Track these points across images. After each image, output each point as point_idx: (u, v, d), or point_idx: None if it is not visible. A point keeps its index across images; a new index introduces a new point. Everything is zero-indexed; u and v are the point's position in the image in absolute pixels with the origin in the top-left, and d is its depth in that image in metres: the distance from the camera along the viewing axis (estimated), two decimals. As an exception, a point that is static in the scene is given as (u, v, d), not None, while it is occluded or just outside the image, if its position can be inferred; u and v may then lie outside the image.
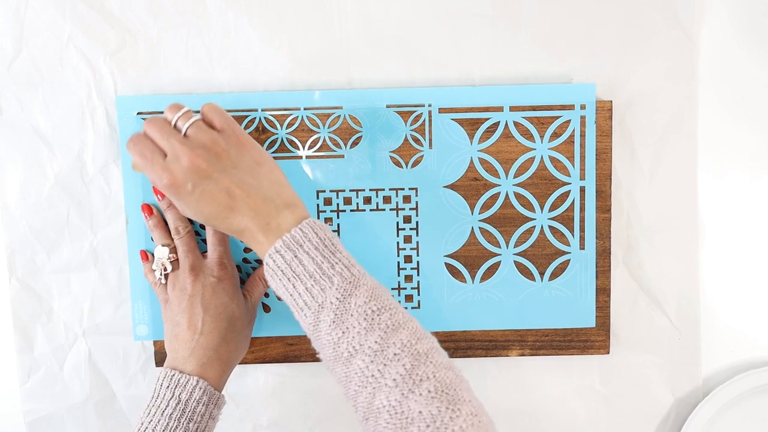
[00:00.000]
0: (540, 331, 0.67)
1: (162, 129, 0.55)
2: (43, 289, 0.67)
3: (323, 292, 0.51)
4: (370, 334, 0.49)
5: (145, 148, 0.54)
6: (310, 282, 0.51)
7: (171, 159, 0.53)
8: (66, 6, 0.64)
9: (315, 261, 0.52)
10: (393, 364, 0.48)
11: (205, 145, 0.54)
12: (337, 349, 0.50)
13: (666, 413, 0.70)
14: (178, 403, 0.56)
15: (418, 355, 0.48)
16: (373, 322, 0.50)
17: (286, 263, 0.52)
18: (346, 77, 0.65)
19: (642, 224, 0.67)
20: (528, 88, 0.65)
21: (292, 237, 0.52)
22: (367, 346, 0.49)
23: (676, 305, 0.68)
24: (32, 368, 0.68)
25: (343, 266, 0.52)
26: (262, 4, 0.65)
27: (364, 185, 0.65)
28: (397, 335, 0.49)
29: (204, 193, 0.53)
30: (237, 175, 0.54)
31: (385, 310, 0.50)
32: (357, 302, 0.50)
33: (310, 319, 0.51)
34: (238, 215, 0.53)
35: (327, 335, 0.50)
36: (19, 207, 0.66)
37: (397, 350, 0.48)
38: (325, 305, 0.50)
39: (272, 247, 0.52)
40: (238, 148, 0.55)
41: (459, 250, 0.66)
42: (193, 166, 0.53)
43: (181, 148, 0.53)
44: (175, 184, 0.53)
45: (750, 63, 0.67)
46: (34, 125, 0.65)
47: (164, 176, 0.53)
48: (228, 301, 0.61)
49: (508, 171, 0.65)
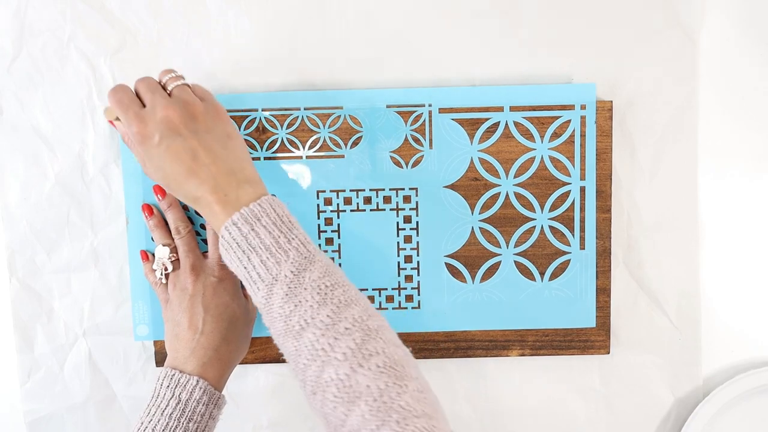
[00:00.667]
0: (540, 331, 0.67)
1: (150, 83, 0.56)
2: (44, 289, 0.67)
3: (278, 265, 0.50)
4: (322, 308, 0.49)
5: (124, 96, 0.55)
6: (265, 255, 0.51)
7: (147, 109, 0.54)
8: (66, 6, 0.64)
9: (272, 235, 0.51)
10: (343, 338, 0.48)
11: (184, 103, 0.54)
12: (288, 322, 0.49)
13: (666, 413, 0.70)
14: (179, 403, 0.56)
15: (368, 330, 0.48)
16: (326, 296, 0.49)
17: (242, 236, 0.51)
18: (346, 77, 0.65)
19: (642, 224, 0.67)
20: (528, 88, 0.65)
21: (251, 210, 0.52)
22: (319, 319, 0.49)
23: (676, 305, 0.68)
24: (32, 368, 0.68)
25: (299, 242, 0.51)
26: (262, 4, 0.65)
27: (364, 185, 0.65)
28: (349, 310, 0.49)
29: (169, 149, 0.53)
30: (207, 139, 0.54)
31: (338, 286, 0.50)
32: (311, 276, 0.50)
33: (263, 292, 0.51)
34: (197, 180, 0.53)
35: (279, 308, 0.50)
36: (19, 207, 0.66)
37: (348, 325, 0.48)
38: (279, 278, 0.50)
39: (229, 219, 0.52)
40: (214, 116, 0.55)
41: (459, 250, 0.66)
42: (165, 119, 0.53)
43: (160, 100, 0.54)
44: (143, 133, 0.53)
45: (750, 63, 0.67)
46: (34, 125, 0.65)
47: (134, 123, 0.53)
48: (229, 300, 0.61)
49: (508, 171, 0.65)
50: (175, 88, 0.56)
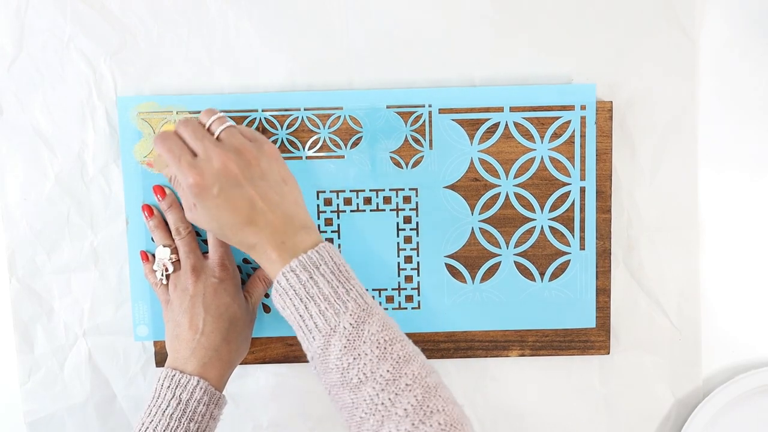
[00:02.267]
0: (540, 332, 0.67)
1: (195, 129, 0.54)
2: (44, 289, 0.67)
3: (337, 316, 0.50)
4: (382, 362, 0.49)
5: (174, 145, 0.53)
6: (324, 305, 0.51)
7: (202, 158, 0.52)
8: (66, 6, 0.64)
9: (331, 284, 0.51)
10: (404, 395, 0.48)
11: (238, 150, 0.53)
12: (345, 375, 0.49)
13: (666, 413, 0.70)
14: (179, 403, 0.56)
15: (428, 387, 0.48)
16: (385, 351, 0.49)
17: (300, 284, 0.51)
18: (346, 77, 0.65)
19: (642, 224, 0.67)
20: (528, 88, 0.65)
21: (309, 258, 0.52)
22: (379, 374, 0.49)
23: (676, 305, 0.68)
24: (32, 368, 0.68)
25: (357, 293, 0.51)
26: (263, 5, 0.65)
27: (364, 186, 0.65)
28: (409, 366, 0.49)
29: (228, 200, 0.52)
30: (263, 187, 0.53)
31: (396, 341, 0.50)
32: (370, 330, 0.50)
33: (319, 342, 0.50)
34: (255, 228, 0.52)
35: (337, 360, 0.50)
36: (19, 207, 0.66)
37: (408, 381, 0.48)
38: (337, 329, 0.50)
39: (287, 265, 0.51)
40: (268, 159, 0.54)
41: (459, 250, 0.66)
42: (224, 169, 0.52)
43: (213, 149, 0.52)
44: (202, 185, 0.52)
45: (750, 63, 0.67)
46: (34, 125, 0.65)
47: (191, 175, 0.52)
48: (229, 301, 0.61)
49: (508, 171, 0.65)
50: (223, 132, 0.54)
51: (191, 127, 0.54)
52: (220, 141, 0.54)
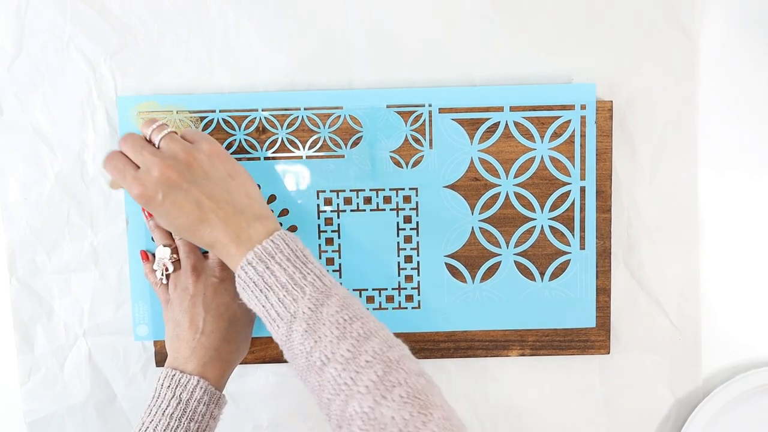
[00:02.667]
0: (540, 331, 0.67)
1: (134, 143, 0.56)
2: (44, 289, 0.67)
3: (295, 302, 0.51)
4: (342, 342, 0.49)
5: (118, 162, 0.55)
6: (282, 293, 0.51)
7: (143, 170, 0.54)
8: (66, 6, 0.64)
9: (287, 272, 0.52)
10: (365, 372, 0.48)
11: (176, 155, 0.55)
12: (309, 358, 0.50)
13: (666, 413, 0.70)
14: (179, 403, 0.56)
15: (389, 362, 0.48)
16: (344, 330, 0.50)
17: (258, 274, 0.52)
18: (346, 77, 0.65)
19: (642, 224, 0.68)
20: (528, 88, 0.65)
21: (264, 248, 0.52)
22: (339, 354, 0.49)
23: (676, 305, 0.68)
24: (32, 368, 0.68)
25: (314, 276, 0.52)
26: (263, 5, 0.65)
27: (364, 185, 0.65)
28: (369, 343, 0.49)
29: (174, 204, 0.53)
30: (207, 186, 0.54)
31: (356, 319, 0.51)
32: (329, 311, 0.50)
33: (283, 330, 0.51)
34: (209, 227, 0.54)
35: (300, 345, 0.50)
36: (19, 207, 0.66)
37: (369, 358, 0.48)
38: (297, 315, 0.51)
39: (244, 258, 0.52)
40: (210, 158, 0.56)
41: (459, 250, 0.66)
42: (162, 176, 0.53)
43: (152, 159, 0.54)
44: (146, 195, 0.54)
45: (750, 63, 0.67)
46: (34, 125, 0.65)
47: (134, 186, 0.54)
48: (230, 301, 0.61)
49: (508, 171, 0.65)
50: (162, 140, 0.56)
51: (130, 141, 0.56)
52: (159, 150, 0.55)
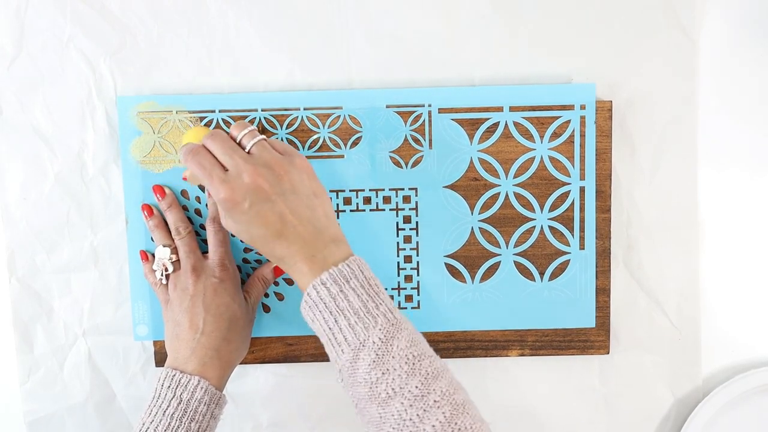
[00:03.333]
0: (540, 331, 0.67)
1: (225, 143, 0.54)
2: (44, 289, 0.67)
3: (366, 330, 0.50)
4: (411, 378, 0.49)
5: (204, 160, 0.54)
6: (354, 318, 0.51)
7: (233, 174, 0.53)
8: (66, 6, 0.64)
9: (360, 298, 0.51)
10: (433, 411, 0.48)
11: (268, 165, 0.53)
12: (374, 389, 0.49)
13: (666, 413, 0.70)
14: (180, 403, 0.56)
15: (456, 405, 0.48)
16: (414, 366, 0.49)
17: (330, 297, 0.51)
18: (346, 77, 0.65)
19: (642, 224, 0.67)
20: (528, 88, 0.65)
21: (340, 271, 0.52)
22: (408, 390, 0.48)
23: (676, 305, 0.68)
24: (32, 368, 0.68)
25: (386, 308, 0.51)
26: (263, 5, 0.65)
27: (363, 185, 0.65)
28: (437, 383, 0.49)
29: (258, 215, 0.52)
30: (294, 201, 0.53)
31: (425, 357, 0.50)
32: (399, 345, 0.50)
33: (348, 356, 0.50)
34: (285, 242, 0.53)
35: (365, 374, 0.50)
36: (19, 207, 0.66)
37: (437, 398, 0.48)
38: (366, 344, 0.50)
39: (317, 278, 0.52)
40: (299, 173, 0.55)
41: (459, 250, 0.66)
42: (254, 185, 0.52)
43: (244, 164, 0.53)
44: (233, 200, 0.52)
45: (750, 63, 0.67)
46: (34, 125, 0.65)
47: (223, 190, 0.52)
48: (229, 301, 0.61)
49: (508, 171, 0.65)
50: (254, 146, 0.55)
51: (220, 140, 0.55)
52: (251, 155, 0.54)
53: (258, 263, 0.66)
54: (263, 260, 0.66)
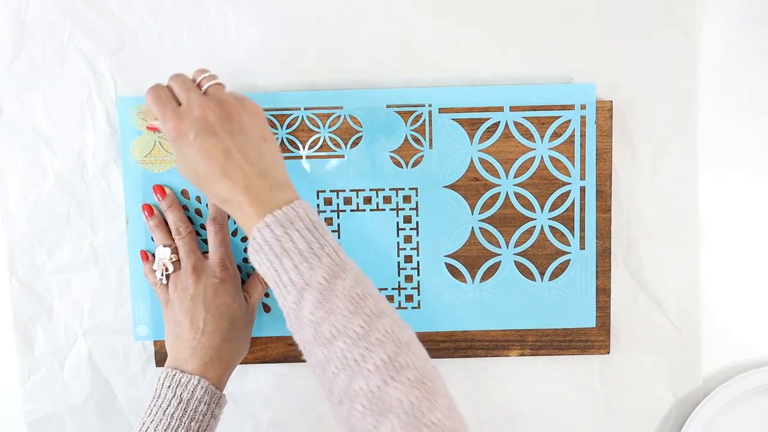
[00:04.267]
0: (540, 331, 0.67)
1: (184, 81, 0.56)
2: (44, 289, 0.67)
3: (311, 270, 0.50)
4: (354, 317, 0.48)
5: (162, 93, 0.55)
6: (298, 259, 0.50)
7: (184, 107, 0.54)
8: (66, 6, 0.64)
9: (305, 239, 0.51)
10: (376, 350, 0.47)
11: (220, 102, 0.54)
12: (318, 329, 0.49)
13: (666, 413, 0.70)
14: (180, 403, 0.56)
15: (400, 343, 0.48)
16: (358, 306, 0.49)
17: (275, 238, 0.51)
18: (346, 77, 0.65)
19: (642, 224, 0.68)
20: (528, 88, 0.65)
21: (285, 214, 0.51)
22: (351, 329, 0.48)
23: (676, 305, 0.68)
24: (32, 368, 0.68)
25: (332, 249, 0.51)
26: (263, 4, 0.65)
27: (364, 185, 0.65)
28: (381, 322, 0.49)
29: (202, 147, 0.53)
30: (241, 140, 0.53)
31: (369, 296, 0.50)
32: (344, 285, 0.50)
33: (293, 297, 0.50)
34: (229, 181, 0.52)
35: (310, 314, 0.49)
36: (19, 207, 0.66)
37: (380, 336, 0.48)
38: (311, 283, 0.49)
39: (262, 220, 0.51)
40: (250, 116, 0.55)
41: (459, 250, 0.66)
42: (202, 117, 0.53)
43: (196, 99, 0.54)
44: (178, 129, 0.53)
45: (750, 63, 0.67)
46: (34, 125, 0.65)
47: (170, 119, 0.53)
48: (230, 301, 0.61)
49: (508, 171, 0.65)
50: (211, 86, 0.56)
51: (180, 79, 0.56)
52: (206, 94, 0.55)
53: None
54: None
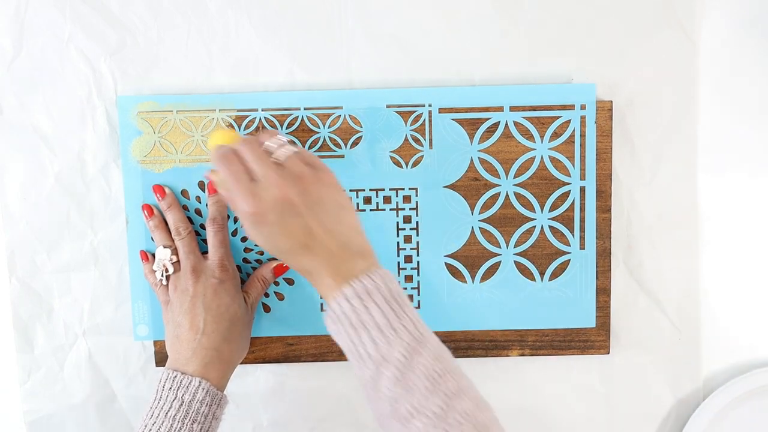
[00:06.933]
0: (540, 331, 0.67)
1: (258, 152, 0.53)
2: (44, 288, 0.67)
3: (389, 345, 0.49)
4: (433, 396, 0.48)
5: (235, 166, 0.53)
6: (376, 332, 0.49)
7: (261, 186, 0.52)
8: (66, 6, 0.64)
9: (384, 313, 0.50)
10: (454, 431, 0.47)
11: (297, 178, 0.52)
12: (395, 405, 0.48)
13: (666, 414, 0.70)
14: (181, 404, 0.56)
15: (479, 425, 0.47)
16: (437, 384, 0.48)
17: (353, 310, 0.50)
18: (346, 77, 0.65)
19: (642, 224, 0.67)
20: (528, 88, 0.65)
21: (363, 285, 0.51)
22: (429, 408, 0.47)
23: (676, 305, 0.68)
24: (32, 368, 0.68)
25: (410, 322, 0.50)
26: (263, 4, 0.65)
27: (364, 185, 0.65)
28: (460, 402, 0.48)
29: (284, 228, 0.52)
30: (320, 214, 0.52)
31: (449, 374, 0.49)
32: (422, 361, 0.49)
33: (371, 372, 0.49)
34: (311, 255, 0.52)
35: (387, 390, 0.48)
36: (19, 207, 0.66)
37: (459, 418, 0.47)
38: (389, 359, 0.49)
39: (341, 292, 0.51)
40: (327, 186, 0.54)
41: (459, 250, 0.66)
42: (283, 198, 0.51)
43: (274, 177, 0.52)
44: (259, 213, 0.51)
45: (750, 63, 0.67)
46: (34, 125, 0.65)
47: (249, 202, 0.51)
48: (229, 301, 0.61)
49: (508, 171, 0.65)
50: (289, 158, 0.54)
51: (252, 148, 0.54)
52: (281, 167, 0.53)
53: (258, 263, 0.66)
54: (263, 260, 0.66)
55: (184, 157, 0.64)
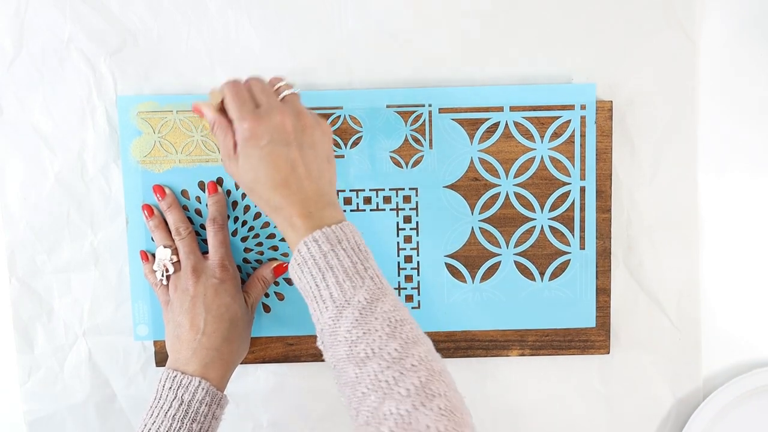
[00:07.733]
0: (540, 331, 0.67)
1: (264, 86, 0.56)
2: (44, 289, 0.67)
3: (353, 288, 0.51)
4: (391, 340, 0.49)
5: (244, 92, 0.55)
6: (342, 276, 0.51)
7: (264, 110, 0.54)
8: (66, 6, 0.64)
9: (351, 259, 0.52)
10: (409, 375, 0.47)
11: (298, 113, 0.55)
12: (353, 348, 0.49)
13: (666, 413, 0.70)
14: (181, 404, 0.56)
15: (433, 371, 0.48)
16: (395, 329, 0.50)
17: (321, 253, 0.52)
18: (346, 77, 0.65)
19: (642, 224, 0.67)
20: (528, 88, 0.65)
21: (333, 231, 0.52)
22: (387, 351, 0.49)
23: (676, 305, 0.68)
24: (32, 368, 0.68)
25: (374, 272, 0.52)
26: (263, 4, 0.65)
27: (364, 185, 0.65)
28: (416, 348, 0.49)
29: (271, 154, 0.53)
30: (309, 156, 0.54)
31: (406, 322, 0.51)
32: (383, 308, 0.50)
33: (331, 313, 0.51)
34: (287, 192, 0.53)
35: (346, 332, 0.50)
36: (19, 207, 0.66)
37: (414, 362, 0.48)
38: (352, 302, 0.50)
39: (310, 234, 0.52)
40: (322, 134, 0.56)
41: (459, 250, 0.66)
42: (280, 125, 0.54)
43: (278, 105, 0.55)
44: (254, 131, 0.53)
45: (750, 63, 0.67)
46: (34, 125, 0.65)
47: (249, 119, 0.53)
48: (230, 301, 0.61)
49: (508, 171, 0.65)
50: (289, 95, 0.56)
51: (261, 84, 0.56)
52: (285, 101, 0.56)
53: (258, 263, 0.66)
54: (263, 260, 0.66)
55: (184, 157, 0.64)
